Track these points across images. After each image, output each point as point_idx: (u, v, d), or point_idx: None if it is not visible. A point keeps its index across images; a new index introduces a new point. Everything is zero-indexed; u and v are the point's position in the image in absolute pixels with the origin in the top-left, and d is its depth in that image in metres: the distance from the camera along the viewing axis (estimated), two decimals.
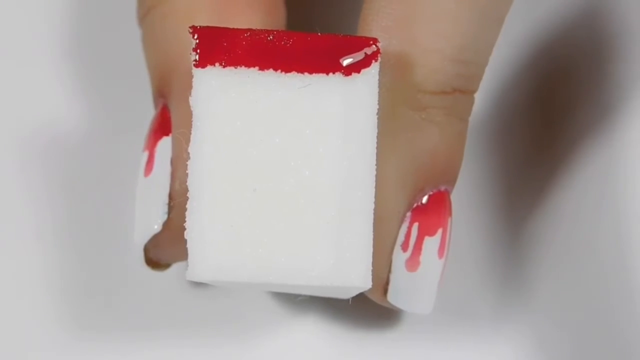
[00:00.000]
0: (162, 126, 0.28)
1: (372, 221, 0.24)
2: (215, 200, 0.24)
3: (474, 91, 0.27)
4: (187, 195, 0.24)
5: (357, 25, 0.27)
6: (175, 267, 0.30)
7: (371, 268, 0.24)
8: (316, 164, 0.24)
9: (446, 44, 0.26)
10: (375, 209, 0.24)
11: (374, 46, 0.24)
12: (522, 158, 0.33)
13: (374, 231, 0.24)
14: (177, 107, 0.28)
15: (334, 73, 0.24)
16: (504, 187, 0.33)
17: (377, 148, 0.24)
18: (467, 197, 0.32)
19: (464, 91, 0.27)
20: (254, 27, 0.24)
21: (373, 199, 0.24)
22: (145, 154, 0.28)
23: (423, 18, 0.26)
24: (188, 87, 0.27)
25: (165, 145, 0.28)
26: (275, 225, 0.24)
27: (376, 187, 0.24)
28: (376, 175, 0.24)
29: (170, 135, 0.28)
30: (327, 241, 0.24)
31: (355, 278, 0.24)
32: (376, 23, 0.26)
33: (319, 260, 0.24)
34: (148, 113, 0.30)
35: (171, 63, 0.28)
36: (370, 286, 0.24)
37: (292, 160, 0.24)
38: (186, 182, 0.27)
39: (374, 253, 0.24)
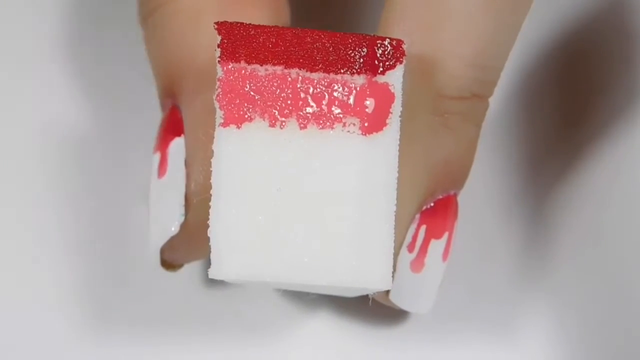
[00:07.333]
0: (173, 127, 0.28)
1: (393, 223, 0.24)
2: (240, 198, 0.24)
3: (489, 96, 0.27)
4: (210, 193, 0.24)
5: (377, 28, 0.27)
6: (187, 267, 0.30)
7: (392, 270, 0.24)
8: (340, 165, 0.24)
9: (468, 49, 0.26)
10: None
11: (399, 48, 0.24)
12: (545, 144, 0.33)
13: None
14: (190, 107, 0.28)
15: (359, 74, 0.24)
16: (525, 175, 0.33)
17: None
18: (484, 184, 0.32)
19: (480, 96, 0.27)
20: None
21: (395, 202, 0.24)
22: (157, 156, 0.28)
23: (447, 23, 0.26)
24: (200, 86, 0.27)
25: (178, 146, 0.28)
26: (299, 225, 0.24)
27: None
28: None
29: (183, 135, 0.28)
30: (349, 242, 0.24)
31: (377, 279, 0.24)
32: (398, 27, 0.26)
33: (342, 261, 0.24)
34: (154, 113, 0.29)
35: (180, 62, 0.28)
36: (391, 287, 0.24)
37: (315, 161, 0.24)
38: (201, 182, 0.27)
39: None
